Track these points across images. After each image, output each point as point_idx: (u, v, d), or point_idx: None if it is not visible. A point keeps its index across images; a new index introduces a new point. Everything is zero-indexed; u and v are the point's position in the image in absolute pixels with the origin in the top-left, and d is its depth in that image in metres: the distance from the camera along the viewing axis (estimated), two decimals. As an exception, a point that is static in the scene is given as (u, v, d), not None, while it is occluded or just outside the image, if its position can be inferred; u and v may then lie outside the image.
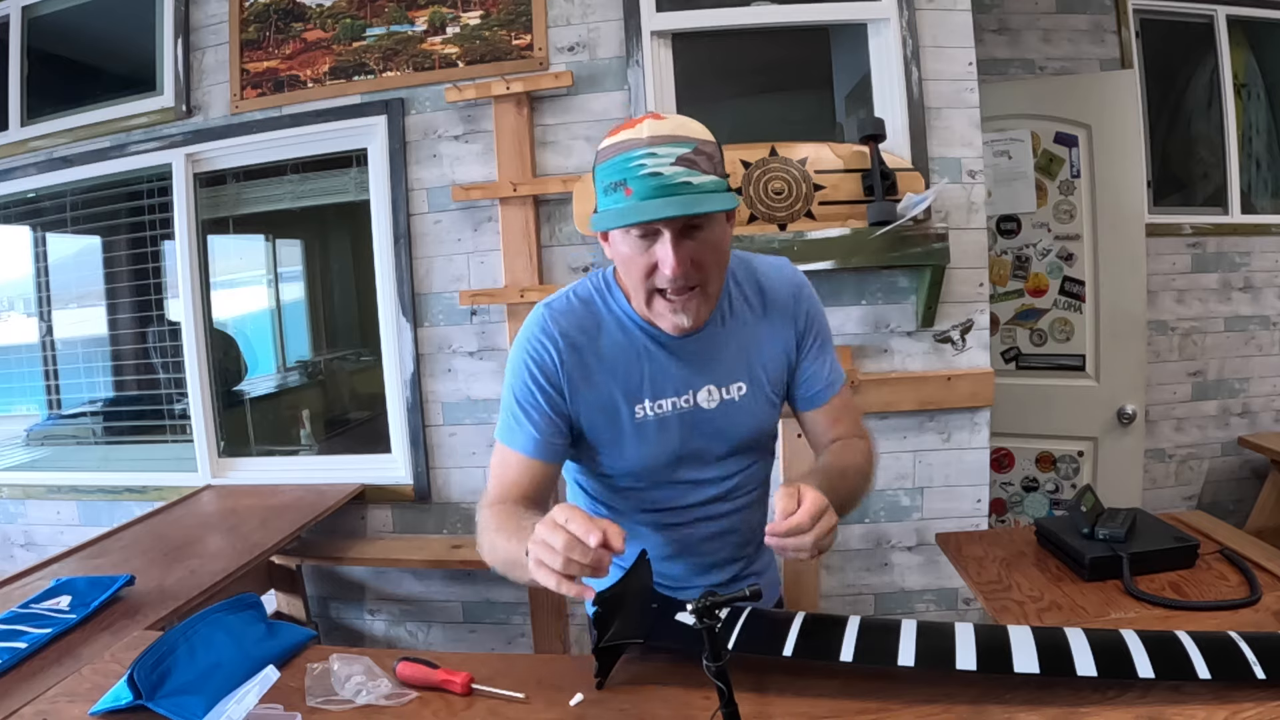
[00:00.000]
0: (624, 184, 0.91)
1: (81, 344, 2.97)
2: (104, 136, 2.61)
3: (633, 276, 0.99)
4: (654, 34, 2.22)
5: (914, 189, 2.07)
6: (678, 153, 0.90)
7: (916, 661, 0.82)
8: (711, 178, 0.92)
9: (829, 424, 1.16)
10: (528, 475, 1.05)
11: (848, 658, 0.83)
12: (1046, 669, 0.79)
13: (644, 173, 0.90)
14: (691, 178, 0.90)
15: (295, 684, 0.92)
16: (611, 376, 1.06)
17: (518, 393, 1.07)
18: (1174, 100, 3.08)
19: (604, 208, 0.95)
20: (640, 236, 0.94)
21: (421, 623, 2.54)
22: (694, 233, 0.94)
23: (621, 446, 1.08)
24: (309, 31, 2.42)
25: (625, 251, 0.97)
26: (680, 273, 0.93)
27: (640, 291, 1.00)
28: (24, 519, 2.81)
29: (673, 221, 0.92)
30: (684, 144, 0.91)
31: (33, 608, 1.44)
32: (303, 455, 2.99)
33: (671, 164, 0.90)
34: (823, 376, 1.14)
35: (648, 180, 0.89)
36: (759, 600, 0.76)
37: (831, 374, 1.15)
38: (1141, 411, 2.61)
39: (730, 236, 1.03)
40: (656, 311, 1.01)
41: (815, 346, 1.13)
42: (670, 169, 0.89)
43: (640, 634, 0.90)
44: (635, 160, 0.90)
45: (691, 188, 0.90)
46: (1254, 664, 0.77)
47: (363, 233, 2.50)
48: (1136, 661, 0.78)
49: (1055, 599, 1.16)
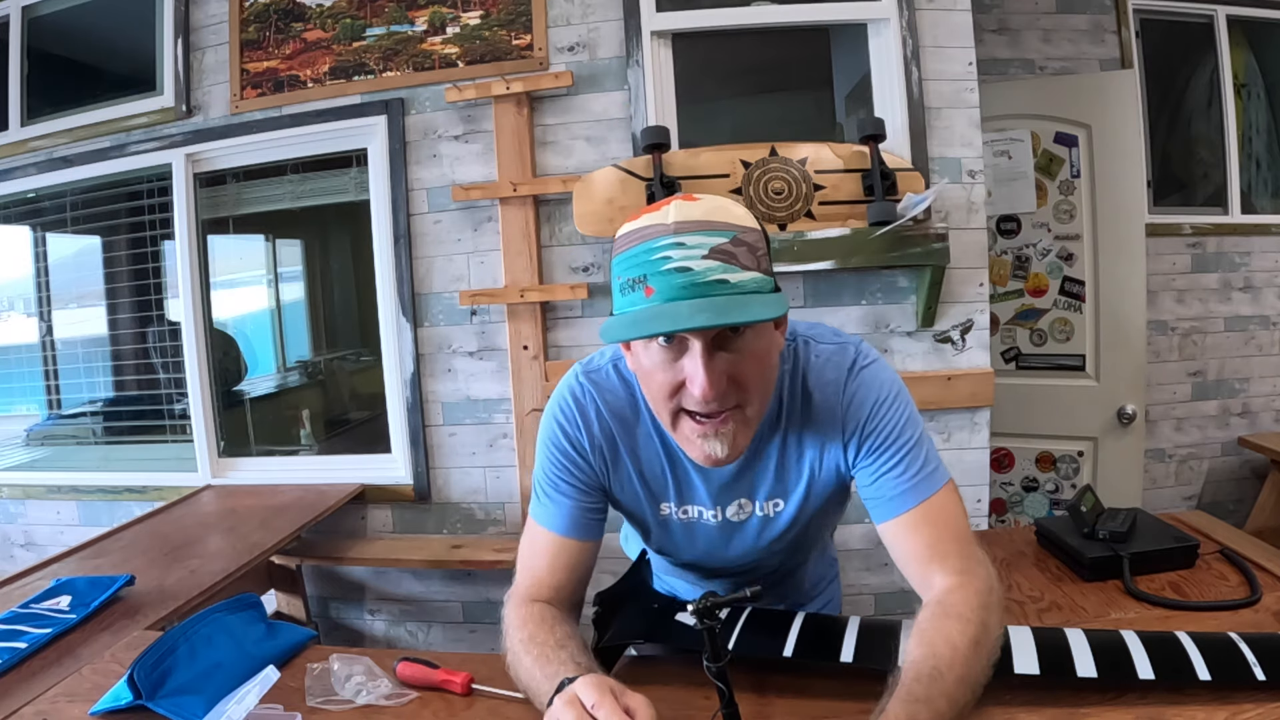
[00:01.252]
0: (644, 280, 0.74)
1: (81, 344, 2.97)
2: (104, 136, 2.61)
3: (654, 394, 0.83)
4: (654, 34, 2.22)
5: (914, 189, 2.07)
6: (712, 243, 0.73)
7: None
8: (754, 274, 0.75)
9: (909, 543, 0.88)
10: (561, 559, 0.94)
11: (848, 658, 0.83)
12: (1046, 670, 0.79)
13: (668, 267, 0.73)
14: (729, 274, 0.73)
15: (295, 684, 0.91)
16: (637, 472, 0.95)
17: (548, 463, 0.95)
18: (1174, 100, 3.08)
19: (620, 310, 0.78)
20: (664, 346, 0.78)
21: (421, 623, 2.54)
22: (731, 343, 0.77)
23: (652, 534, 1.02)
24: (309, 31, 2.42)
25: (645, 365, 0.81)
26: (713, 394, 0.77)
27: (664, 412, 0.83)
28: (24, 519, 2.81)
29: (704, 331, 0.75)
30: (720, 232, 0.74)
31: (33, 608, 1.44)
32: (303, 455, 2.99)
33: (704, 256, 0.73)
34: (891, 484, 0.89)
35: (672, 277, 0.73)
36: (759, 601, 0.71)
37: (907, 480, 0.89)
38: (1141, 411, 2.61)
39: (780, 346, 0.86)
40: (684, 436, 0.84)
41: (876, 451, 0.90)
42: (702, 263, 0.73)
43: (640, 634, 0.89)
44: (659, 252, 0.73)
45: (728, 287, 0.73)
46: (1254, 665, 0.77)
47: (363, 233, 2.50)
48: (1137, 663, 0.78)
49: (1055, 599, 1.16)
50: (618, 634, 0.88)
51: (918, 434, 0.91)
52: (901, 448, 0.89)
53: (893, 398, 0.91)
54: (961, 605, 0.80)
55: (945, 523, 0.88)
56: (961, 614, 0.79)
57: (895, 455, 0.89)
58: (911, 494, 0.88)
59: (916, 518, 0.87)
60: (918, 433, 0.91)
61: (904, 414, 0.91)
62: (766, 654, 0.86)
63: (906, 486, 0.88)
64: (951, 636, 0.77)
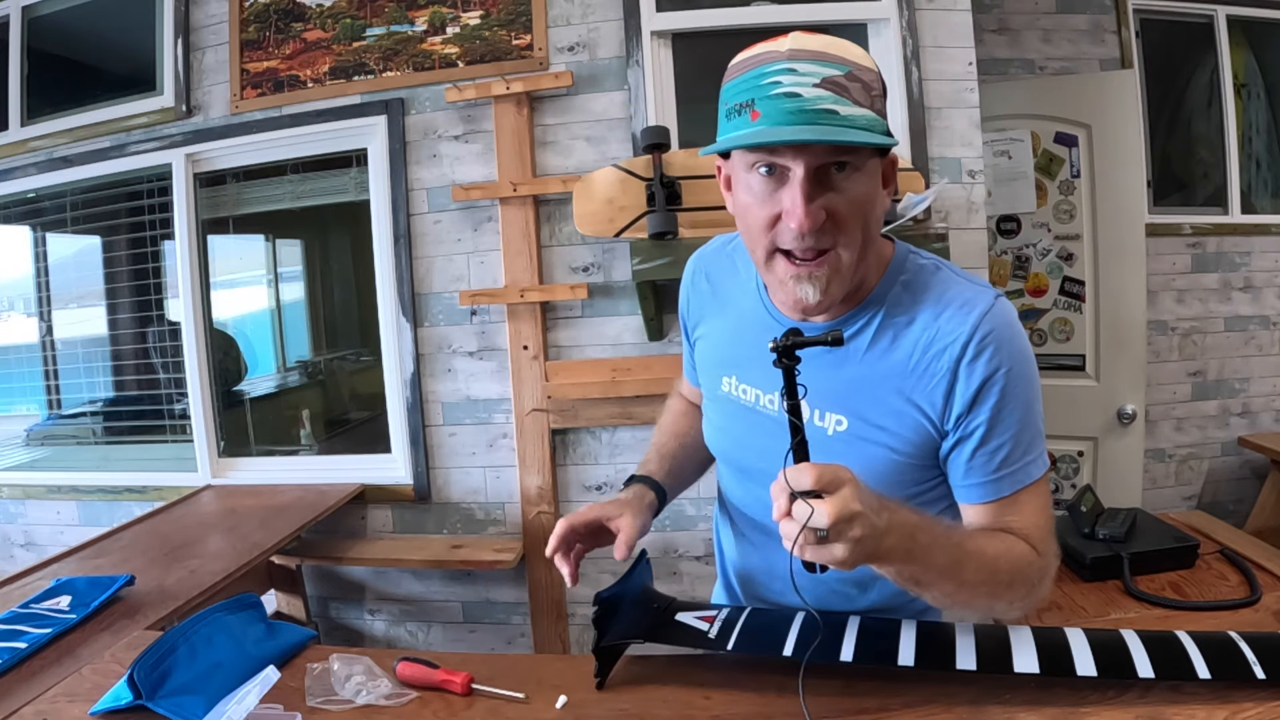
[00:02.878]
0: (751, 105, 0.71)
1: (81, 344, 2.97)
2: (104, 136, 2.61)
3: (751, 229, 0.79)
4: (654, 34, 2.22)
5: (914, 189, 2.07)
6: (825, 73, 0.70)
7: (916, 661, 0.82)
8: (866, 112, 0.71)
9: (988, 525, 0.84)
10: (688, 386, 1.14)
11: (847, 657, 0.83)
12: (1046, 669, 0.79)
13: (777, 92, 0.70)
14: (839, 106, 0.70)
15: (295, 684, 0.91)
16: (723, 330, 0.97)
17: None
18: (1174, 100, 3.08)
19: (723, 135, 0.76)
20: (766, 175, 0.75)
21: (421, 623, 2.54)
22: (833, 180, 0.73)
23: (708, 412, 1.02)
24: (309, 31, 2.42)
25: (745, 199, 0.78)
26: (810, 225, 0.73)
27: (760, 249, 0.79)
28: (24, 519, 2.81)
29: (807, 157, 0.71)
30: (835, 64, 0.71)
31: (33, 608, 1.44)
32: (303, 455, 2.99)
33: (815, 85, 0.70)
34: (987, 470, 0.82)
35: (780, 102, 0.70)
36: (841, 345, 0.71)
37: (1004, 469, 0.81)
38: (1141, 411, 2.61)
39: (884, 203, 0.80)
40: (776, 279, 0.80)
41: (984, 425, 0.80)
42: (813, 91, 0.70)
43: (640, 634, 0.89)
44: (769, 77, 0.71)
45: (837, 118, 0.70)
46: (1254, 664, 0.77)
47: (363, 233, 2.50)
48: (1136, 662, 0.78)
49: (1055, 599, 1.16)
50: (617, 634, 0.88)
51: (1021, 416, 0.81)
52: (1006, 434, 0.80)
53: (1005, 371, 0.79)
54: (1019, 545, 0.81)
55: (1028, 518, 0.83)
56: (1012, 547, 0.80)
57: (998, 440, 0.80)
58: (996, 487, 0.82)
59: (1003, 507, 0.83)
60: (1038, 411, 0.83)
61: (1031, 379, 0.82)
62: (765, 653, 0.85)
63: (993, 477, 0.82)
64: (993, 542, 0.79)
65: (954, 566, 0.75)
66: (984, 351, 0.79)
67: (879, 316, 0.84)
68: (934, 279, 0.84)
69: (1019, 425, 0.81)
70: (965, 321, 0.79)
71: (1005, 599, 0.81)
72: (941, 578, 0.75)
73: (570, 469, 2.36)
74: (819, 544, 0.66)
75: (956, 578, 0.76)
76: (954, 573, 0.76)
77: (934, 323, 0.81)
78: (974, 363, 0.79)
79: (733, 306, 0.96)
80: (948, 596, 0.78)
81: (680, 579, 2.35)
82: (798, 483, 0.65)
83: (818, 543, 0.65)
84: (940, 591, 0.77)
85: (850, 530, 0.65)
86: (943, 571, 0.75)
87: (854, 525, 0.65)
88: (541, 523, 2.36)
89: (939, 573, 0.75)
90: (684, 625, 0.89)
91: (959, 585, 0.76)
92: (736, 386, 0.94)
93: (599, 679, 0.88)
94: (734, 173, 0.81)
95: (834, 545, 0.65)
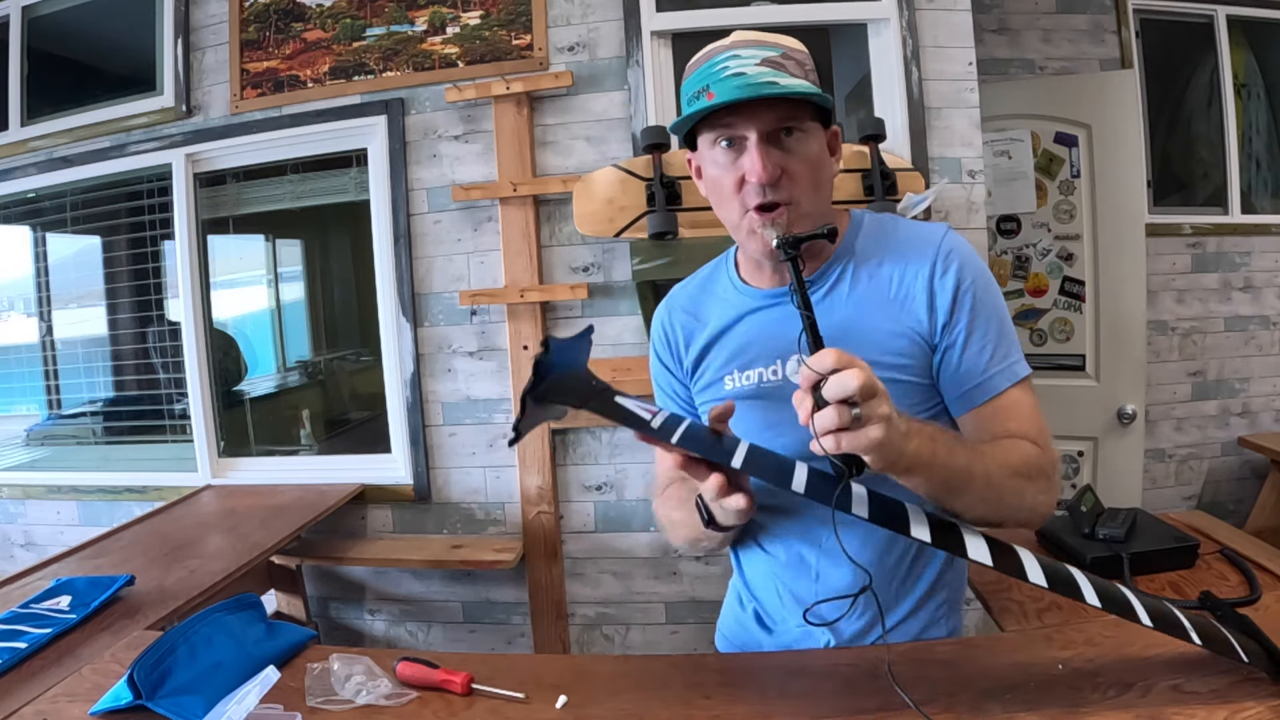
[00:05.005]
0: (706, 89, 0.85)
1: (81, 344, 2.97)
2: (104, 136, 2.61)
3: (723, 196, 0.91)
4: (654, 34, 2.22)
5: (914, 189, 2.07)
6: (764, 55, 0.85)
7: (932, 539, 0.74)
8: (803, 82, 0.85)
9: (988, 431, 0.90)
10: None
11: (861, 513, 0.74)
12: (999, 563, 0.73)
13: (727, 74, 0.84)
14: (779, 78, 0.83)
15: (295, 684, 0.91)
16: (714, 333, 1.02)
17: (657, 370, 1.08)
18: (1174, 100, 3.08)
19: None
20: (727, 147, 0.88)
21: (421, 623, 2.54)
22: (783, 143, 0.87)
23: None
24: (309, 31, 2.42)
25: (713, 173, 0.91)
26: (767, 177, 0.85)
27: (734, 212, 0.91)
28: (24, 519, 2.81)
29: (758, 122, 0.85)
30: (771, 48, 0.86)
31: (33, 608, 1.44)
32: (303, 455, 2.99)
33: (757, 64, 0.84)
34: (976, 370, 0.90)
35: (730, 81, 0.83)
36: (835, 238, 0.84)
37: (992, 367, 0.89)
38: (1141, 411, 2.61)
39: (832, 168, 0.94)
40: (747, 231, 0.91)
41: (964, 329, 0.90)
42: (755, 69, 0.84)
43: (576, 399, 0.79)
44: (718, 64, 0.85)
45: (778, 87, 0.83)
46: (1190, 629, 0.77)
47: (363, 233, 2.50)
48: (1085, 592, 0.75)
49: (1055, 599, 1.16)
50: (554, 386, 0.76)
51: (1000, 316, 0.92)
52: (988, 335, 0.90)
53: (975, 277, 0.91)
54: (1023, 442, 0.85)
55: (1022, 416, 0.89)
56: (1018, 443, 0.85)
57: (982, 341, 0.89)
58: (989, 386, 0.89)
59: (997, 412, 0.89)
60: (1000, 315, 0.92)
61: (989, 293, 0.92)
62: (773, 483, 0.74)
63: (986, 376, 0.89)
64: (1001, 442, 0.85)
65: (976, 461, 0.79)
66: (950, 266, 0.91)
67: (851, 265, 0.95)
68: (891, 226, 0.99)
69: (998, 327, 0.91)
70: (928, 247, 0.92)
71: (1030, 492, 0.84)
72: (969, 479, 0.79)
73: (570, 469, 2.36)
74: (854, 428, 0.67)
75: (983, 475, 0.79)
76: (979, 469, 0.79)
77: (902, 257, 0.93)
78: (944, 277, 0.90)
79: (715, 313, 1.03)
80: (980, 499, 0.81)
81: (680, 579, 2.35)
82: (820, 364, 0.68)
83: (852, 426, 0.66)
84: (973, 495, 0.80)
85: (880, 407, 0.67)
86: (969, 472, 0.78)
87: (882, 402, 0.68)
88: (541, 523, 2.36)
89: (965, 473, 0.78)
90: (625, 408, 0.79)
91: (987, 483, 0.80)
92: (740, 378, 0.98)
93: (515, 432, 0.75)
94: (702, 158, 0.93)
95: (869, 427, 0.67)
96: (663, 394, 1.09)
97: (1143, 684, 0.79)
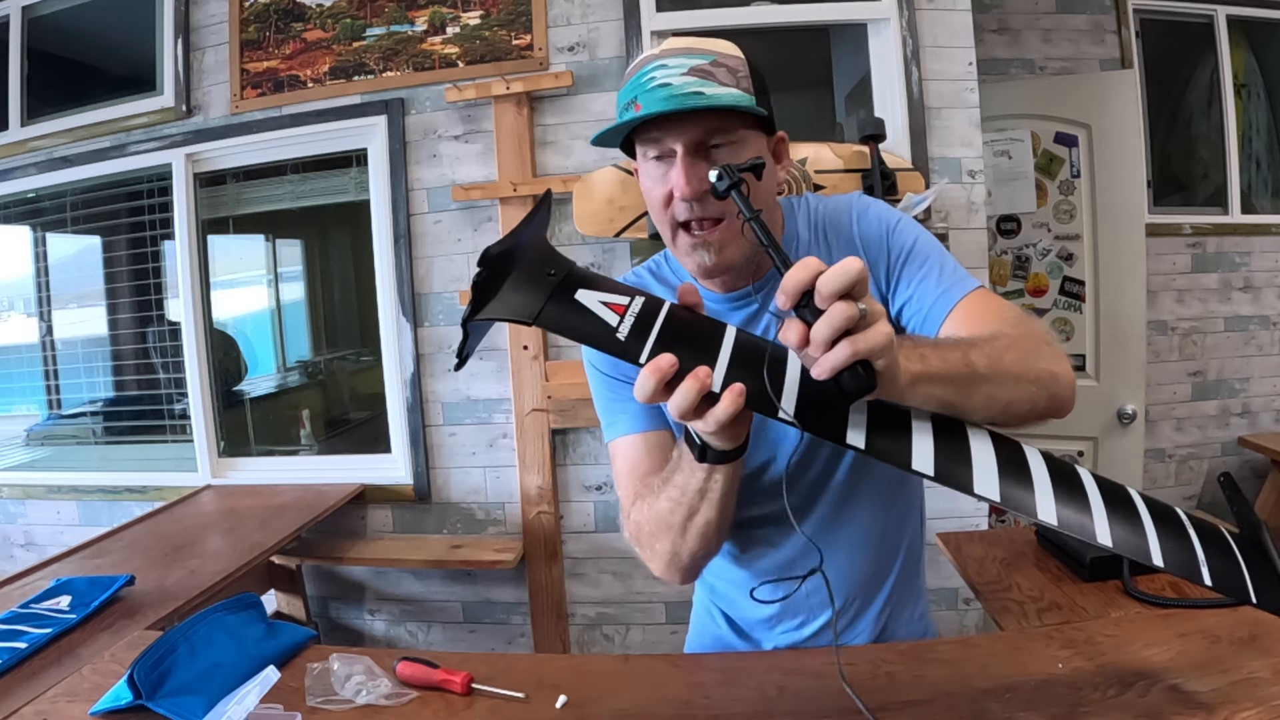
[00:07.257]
0: (634, 101, 0.82)
1: (81, 344, 2.98)
2: (104, 136, 2.61)
3: (655, 209, 0.88)
4: (654, 34, 2.22)
5: (914, 189, 2.07)
6: (691, 63, 0.81)
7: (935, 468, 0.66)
8: (732, 90, 0.82)
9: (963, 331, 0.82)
10: (644, 449, 0.94)
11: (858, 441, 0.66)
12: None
13: (653, 85, 0.81)
14: (705, 88, 0.80)
15: (295, 684, 0.91)
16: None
17: (602, 388, 0.98)
18: (1174, 100, 3.09)
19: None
20: (657, 160, 0.85)
21: (421, 623, 2.54)
22: (713, 155, 0.83)
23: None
24: (309, 31, 2.42)
25: (645, 184, 0.89)
26: (690, 192, 0.82)
27: (666, 229, 0.88)
28: (24, 519, 2.81)
29: (685, 136, 0.81)
30: (700, 55, 0.82)
31: (33, 608, 1.44)
32: (303, 455, 2.99)
33: (682, 74, 0.81)
34: (930, 292, 0.88)
35: (655, 92, 0.80)
36: (763, 170, 0.77)
37: (944, 282, 0.88)
38: (1141, 411, 2.61)
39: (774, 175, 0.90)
40: (682, 252, 0.89)
41: (904, 264, 0.90)
42: (680, 79, 0.80)
43: (527, 311, 0.68)
44: (646, 75, 0.82)
45: (703, 98, 0.80)
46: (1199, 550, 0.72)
47: (363, 233, 2.50)
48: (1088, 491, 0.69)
49: (1055, 599, 1.16)
50: (500, 305, 0.67)
51: (938, 246, 0.92)
52: (929, 262, 0.89)
53: (900, 218, 0.93)
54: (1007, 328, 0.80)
55: (999, 309, 0.85)
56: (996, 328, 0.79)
57: (925, 267, 0.89)
58: (948, 296, 0.86)
59: (964, 311, 0.85)
60: (937, 245, 0.92)
61: (917, 229, 0.93)
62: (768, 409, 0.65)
63: (942, 290, 0.87)
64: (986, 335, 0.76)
65: (970, 352, 0.71)
66: (865, 212, 0.94)
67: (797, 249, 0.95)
68: (814, 204, 0.98)
69: (938, 252, 0.91)
70: (843, 206, 0.95)
71: (1040, 360, 0.78)
72: (971, 375, 0.70)
73: (570, 469, 2.37)
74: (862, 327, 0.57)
75: (988, 362, 0.72)
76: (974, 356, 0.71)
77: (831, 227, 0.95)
78: (863, 223, 0.93)
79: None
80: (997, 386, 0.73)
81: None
82: (805, 269, 0.58)
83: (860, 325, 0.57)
84: (989, 388, 0.72)
85: (874, 303, 0.59)
86: (967, 368, 0.70)
87: (872, 300, 0.60)
88: (541, 523, 2.36)
89: (965, 368, 0.70)
90: (586, 310, 0.68)
91: (990, 366, 0.72)
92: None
93: (459, 359, 0.70)
94: (639, 168, 0.90)
95: (875, 326, 0.58)
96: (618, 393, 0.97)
97: (1143, 684, 0.79)
